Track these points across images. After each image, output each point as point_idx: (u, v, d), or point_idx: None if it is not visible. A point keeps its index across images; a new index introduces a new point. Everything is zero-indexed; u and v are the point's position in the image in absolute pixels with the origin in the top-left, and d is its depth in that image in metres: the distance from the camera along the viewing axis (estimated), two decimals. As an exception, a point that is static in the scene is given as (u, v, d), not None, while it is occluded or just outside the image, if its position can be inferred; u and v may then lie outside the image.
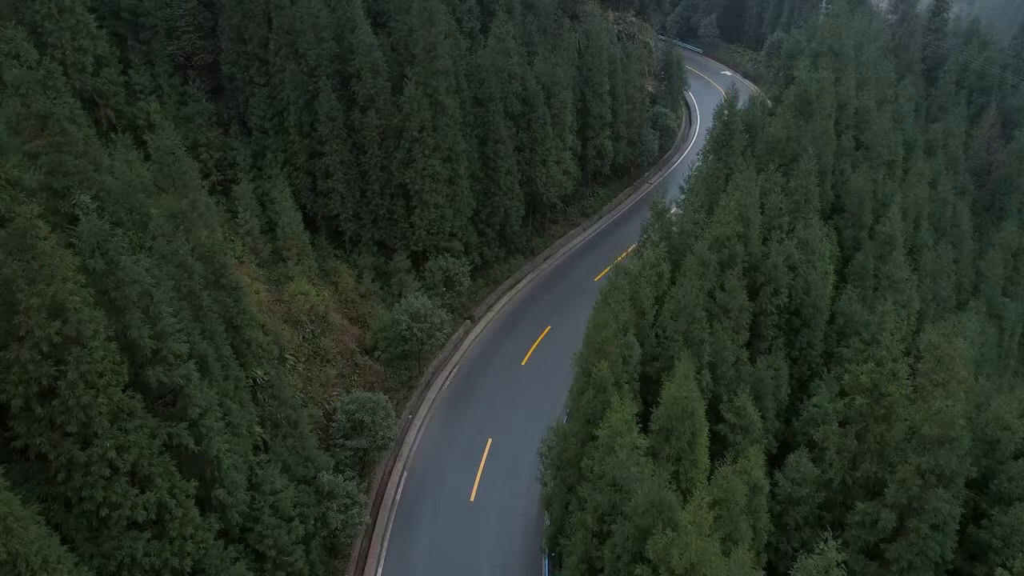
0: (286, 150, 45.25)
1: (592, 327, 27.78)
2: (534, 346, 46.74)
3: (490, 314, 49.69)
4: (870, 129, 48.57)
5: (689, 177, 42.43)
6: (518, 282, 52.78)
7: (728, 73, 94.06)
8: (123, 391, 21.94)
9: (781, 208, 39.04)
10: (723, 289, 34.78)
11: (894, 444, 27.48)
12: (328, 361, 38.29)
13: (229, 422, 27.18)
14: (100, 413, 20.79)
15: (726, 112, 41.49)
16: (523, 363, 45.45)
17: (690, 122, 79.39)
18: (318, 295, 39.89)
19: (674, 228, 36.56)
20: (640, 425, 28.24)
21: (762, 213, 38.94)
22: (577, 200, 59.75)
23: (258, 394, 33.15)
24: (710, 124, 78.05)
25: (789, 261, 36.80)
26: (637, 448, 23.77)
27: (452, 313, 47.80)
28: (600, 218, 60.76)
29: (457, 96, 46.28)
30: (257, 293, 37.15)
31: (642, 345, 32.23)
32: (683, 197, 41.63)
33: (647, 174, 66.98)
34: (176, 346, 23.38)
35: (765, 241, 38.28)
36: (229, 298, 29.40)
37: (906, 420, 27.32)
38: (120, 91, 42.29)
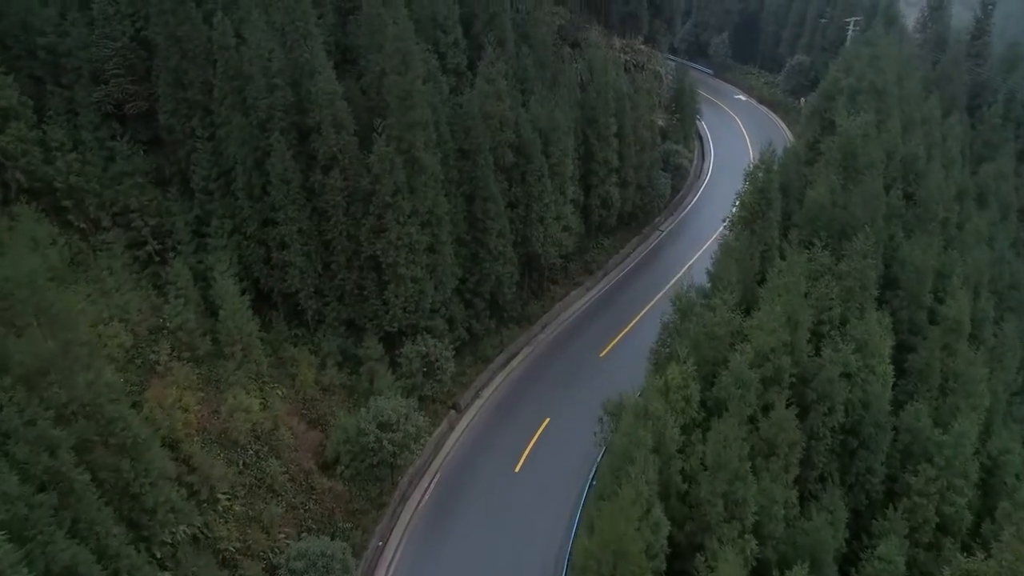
0: (234, 216, 38.03)
1: (606, 515, 20.59)
2: (530, 445, 39.49)
3: (479, 401, 42.45)
4: (924, 184, 41.43)
5: (715, 258, 35.07)
6: (512, 358, 45.55)
7: (742, 98, 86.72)
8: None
9: (831, 298, 31.95)
10: (766, 413, 27.73)
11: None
12: (274, 492, 31.04)
13: (113, 643, 20.02)
14: None
15: (761, 175, 34.27)
16: (517, 469, 38.20)
17: (703, 156, 72.06)
18: (264, 407, 32.66)
19: (702, 330, 29.32)
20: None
21: (805, 297, 31.83)
22: (579, 254, 52.52)
23: (178, 552, 26.07)
24: (722, 155, 71.93)
25: (846, 370, 29.76)
26: None
27: (434, 403, 40.64)
28: (605, 275, 53.54)
29: (438, 150, 39.11)
30: (186, 411, 29.94)
31: (667, 498, 25.14)
32: (709, 285, 34.31)
33: (657, 220, 59.76)
34: (9, 586, 16.19)
35: (814, 336, 31.13)
36: (124, 459, 22.18)
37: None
38: (33, 149, 35.21)
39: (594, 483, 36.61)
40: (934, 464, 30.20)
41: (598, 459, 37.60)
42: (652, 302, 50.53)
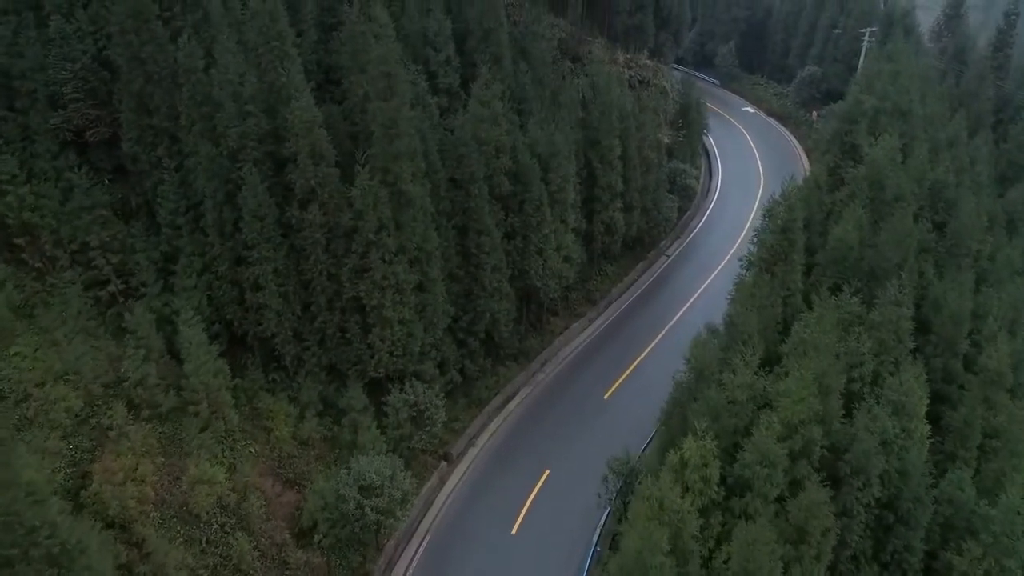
0: (204, 254, 34.76)
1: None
2: (528, 502, 36.20)
3: (472, 450, 39.18)
4: (956, 215, 38.11)
5: (730, 299, 31.83)
6: (508, 400, 42.26)
7: (750, 110, 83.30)
8: None
9: (863, 352, 28.68)
10: (794, 490, 24.51)
11: None
12: (241, 572, 27.76)
13: None
14: None
15: (783, 214, 30.96)
16: (514, 531, 34.90)
17: (710, 173, 68.71)
18: (232, 473, 29.40)
19: (722, 395, 26.02)
20: None
21: (836, 357, 28.52)
22: (581, 283, 49.23)
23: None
24: (731, 171, 68.53)
25: (883, 437, 26.52)
26: None
27: (424, 454, 37.42)
28: (608, 304, 50.29)
29: (428, 180, 35.87)
30: (141, 483, 26.66)
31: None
32: (722, 330, 31.00)
33: (663, 244, 56.49)
34: None
35: (843, 395, 27.82)
36: (51, 570, 18.92)
37: None
38: (-18, 182, 32.01)
39: (598, 548, 33.49)
40: (980, 541, 27.05)
41: (602, 521, 34.45)
42: (660, 335, 47.37)
